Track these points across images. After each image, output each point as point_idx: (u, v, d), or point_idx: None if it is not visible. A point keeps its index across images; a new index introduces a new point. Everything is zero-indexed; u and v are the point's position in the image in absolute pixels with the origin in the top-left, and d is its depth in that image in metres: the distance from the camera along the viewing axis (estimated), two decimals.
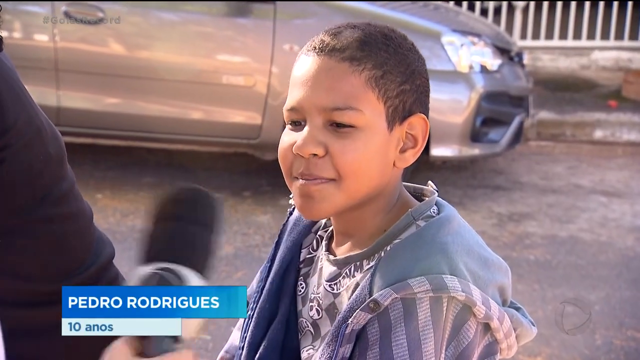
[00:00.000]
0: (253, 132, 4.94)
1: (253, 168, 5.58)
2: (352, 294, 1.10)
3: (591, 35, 8.70)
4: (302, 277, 1.22)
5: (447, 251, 1.07)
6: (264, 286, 1.23)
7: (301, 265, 1.23)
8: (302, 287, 1.21)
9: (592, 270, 4.14)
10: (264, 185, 5.23)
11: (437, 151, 4.96)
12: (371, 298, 1.05)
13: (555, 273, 4.06)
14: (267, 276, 1.23)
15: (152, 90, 4.98)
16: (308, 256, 1.23)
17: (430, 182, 1.21)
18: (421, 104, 1.15)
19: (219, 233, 0.97)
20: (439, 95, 4.84)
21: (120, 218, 4.55)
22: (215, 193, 1.01)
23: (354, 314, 1.06)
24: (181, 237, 0.94)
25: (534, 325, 1.18)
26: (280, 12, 4.90)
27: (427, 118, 1.16)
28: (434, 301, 1.04)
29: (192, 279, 0.92)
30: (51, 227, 1.11)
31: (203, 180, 5.30)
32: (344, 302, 1.12)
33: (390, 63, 1.11)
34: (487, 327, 1.10)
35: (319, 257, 1.21)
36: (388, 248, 1.10)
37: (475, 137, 5.06)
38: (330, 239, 1.21)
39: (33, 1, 4.98)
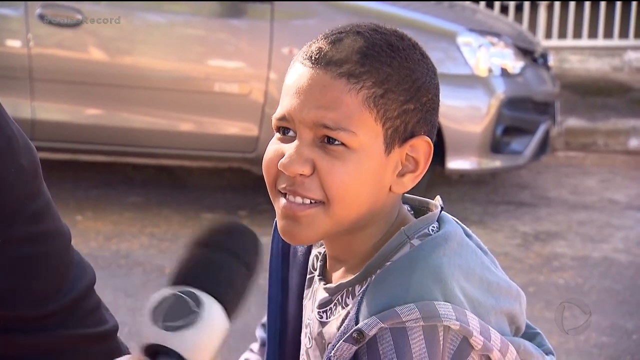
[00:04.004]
0: (249, 145, 4.95)
1: (249, 185, 5.58)
2: (341, 324, 1.11)
3: (624, 34, 8.71)
4: (304, 300, 1.24)
5: (440, 275, 1.06)
6: (283, 315, 1.25)
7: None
8: (304, 311, 1.23)
9: (629, 296, 4.12)
10: (262, 204, 5.23)
11: (453, 164, 4.95)
12: (355, 328, 1.05)
13: (588, 299, 4.05)
14: (285, 302, 1.25)
15: (137, 100, 4.99)
16: (309, 276, 1.24)
17: (438, 196, 1.20)
18: (426, 123, 1.13)
19: (254, 273, 1.01)
20: (455, 102, 4.85)
21: (103, 242, 4.55)
22: (255, 233, 1.05)
23: (337, 346, 1.06)
24: (209, 264, 0.98)
25: (551, 354, 1.18)
26: (278, 11, 4.92)
27: (434, 136, 1.15)
28: (428, 331, 1.03)
29: (213, 307, 0.95)
30: (24, 248, 1.11)
31: (195, 199, 5.31)
32: (332, 332, 1.13)
33: (393, 80, 1.09)
34: None
35: (315, 279, 1.22)
36: (379, 271, 1.10)
37: (496, 147, 5.06)
38: (325, 259, 1.22)
39: (3, 1, 5.00)
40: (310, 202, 1.10)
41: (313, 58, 1.10)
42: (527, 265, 4.45)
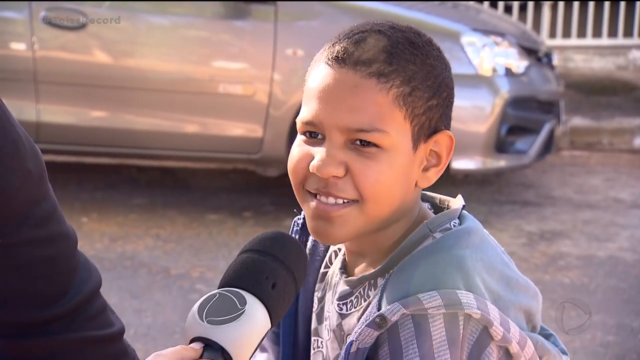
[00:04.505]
0: (253, 146, 4.95)
1: (254, 186, 5.58)
2: (362, 315, 1.12)
3: (628, 33, 8.70)
4: (316, 293, 1.25)
5: (463, 265, 1.08)
6: (295, 312, 1.27)
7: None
8: (316, 304, 1.24)
9: (635, 295, 4.11)
10: (266, 205, 5.23)
11: (458, 164, 4.95)
12: (378, 313, 1.06)
13: (593, 298, 4.04)
14: (297, 300, 1.26)
15: (141, 102, 5.00)
16: (323, 270, 1.25)
17: (460, 195, 1.22)
18: (446, 117, 1.16)
19: (298, 279, 1.05)
20: (459, 101, 4.77)
21: (108, 243, 4.56)
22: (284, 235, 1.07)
23: (360, 331, 1.07)
24: (254, 268, 1.02)
25: (565, 354, 1.19)
26: (281, 13, 4.92)
27: (450, 129, 1.17)
28: (449, 318, 1.05)
29: (255, 306, 0.99)
30: (31, 251, 1.11)
31: (199, 200, 5.31)
32: (353, 323, 1.14)
33: (418, 77, 1.11)
34: (509, 355, 1.10)
35: (334, 272, 1.23)
36: (401, 262, 1.11)
37: (500, 147, 5.06)
38: (344, 254, 1.23)
39: (7, 0, 5.00)
40: (344, 202, 1.11)
41: (339, 58, 1.10)
42: (532, 265, 4.44)
